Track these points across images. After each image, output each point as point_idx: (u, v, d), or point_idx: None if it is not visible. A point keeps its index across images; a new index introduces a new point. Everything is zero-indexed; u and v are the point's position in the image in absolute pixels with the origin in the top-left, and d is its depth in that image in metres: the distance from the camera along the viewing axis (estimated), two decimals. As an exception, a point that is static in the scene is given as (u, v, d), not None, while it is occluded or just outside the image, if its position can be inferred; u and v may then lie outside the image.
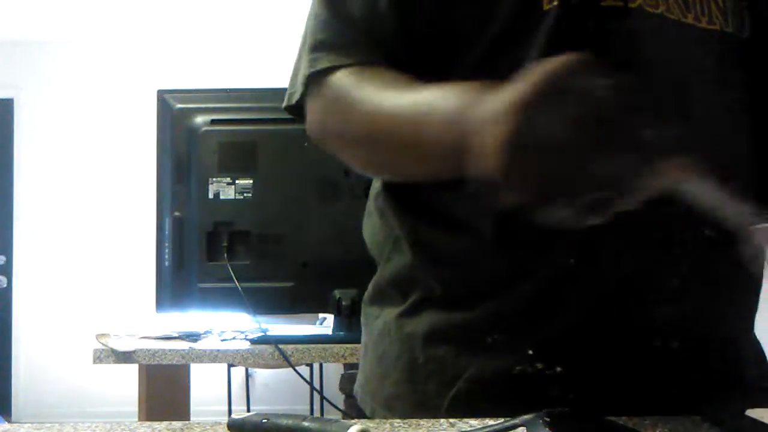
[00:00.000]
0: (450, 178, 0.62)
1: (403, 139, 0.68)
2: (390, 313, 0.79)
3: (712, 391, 0.72)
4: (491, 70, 0.70)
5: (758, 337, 0.81)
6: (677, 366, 0.72)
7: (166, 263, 2.07)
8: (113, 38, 5.66)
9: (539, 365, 0.71)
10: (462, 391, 0.73)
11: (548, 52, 0.67)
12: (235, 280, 1.97)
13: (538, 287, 0.71)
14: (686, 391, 0.71)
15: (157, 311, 2.13)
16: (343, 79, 0.73)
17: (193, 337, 2.16)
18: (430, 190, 0.75)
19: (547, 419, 0.55)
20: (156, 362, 2.03)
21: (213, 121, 2.06)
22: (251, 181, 1.98)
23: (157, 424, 0.66)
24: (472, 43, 0.72)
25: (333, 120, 0.75)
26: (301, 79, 0.76)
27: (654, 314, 0.71)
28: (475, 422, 0.63)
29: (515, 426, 0.56)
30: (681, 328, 0.71)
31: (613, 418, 0.62)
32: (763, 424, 0.58)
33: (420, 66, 0.73)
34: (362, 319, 0.86)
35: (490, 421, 0.61)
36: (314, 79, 0.75)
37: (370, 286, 0.84)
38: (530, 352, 0.71)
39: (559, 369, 0.70)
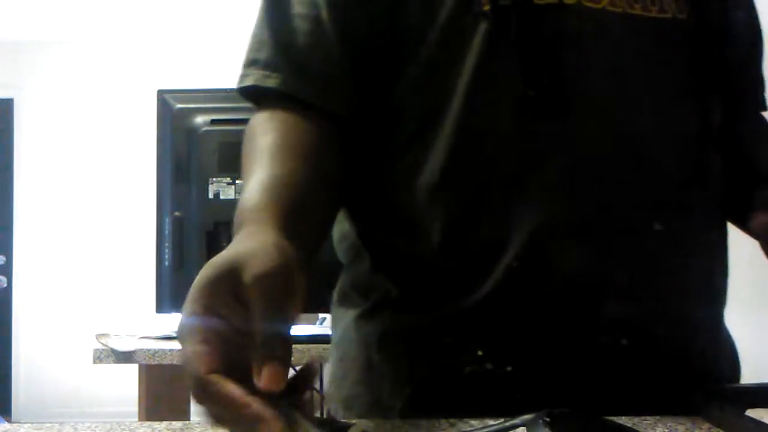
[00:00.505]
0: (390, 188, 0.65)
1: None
2: (351, 315, 0.80)
3: (672, 388, 0.71)
4: (434, 77, 0.72)
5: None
6: (626, 363, 0.71)
7: (166, 263, 2.07)
8: (113, 38, 5.66)
9: (489, 365, 0.71)
10: (415, 392, 0.73)
11: (485, 55, 0.70)
12: (235, 280, 1.96)
13: (486, 289, 0.71)
14: (638, 389, 0.70)
15: (157, 311, 2.13)
16: (257, 123, 0.75)
17: (193, 337, 2.16)
18: (384, 197, 0.77)
19: (547, 419, 0.55)
20: (156, 362, 2.02)
21: (213, 121, 2.06)
22: (251, 181, 1.98)
23: (157, 424, 0.66)
24: (415, 51, 0.72)
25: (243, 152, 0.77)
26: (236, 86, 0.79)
27: (602, 311, 0.70)
28: (475, 422, 0.63)
29: (515, 426, 0.56)
30: (631, 325, 0.71)
31: (613, 418, 0.62)
32: (763, 424, 0.58)
33: (367, 80, 0.75)
34: (331, 321, 0.87)
35: (491, 421, 0.61)
36: (245, 92, 0.77)
37: (336, 289, 0.85)
38: (480, 352, 0.71)
39: (509, 368, 0.71)
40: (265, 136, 0.72)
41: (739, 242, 0.84)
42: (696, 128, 0.76)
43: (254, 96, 0.77)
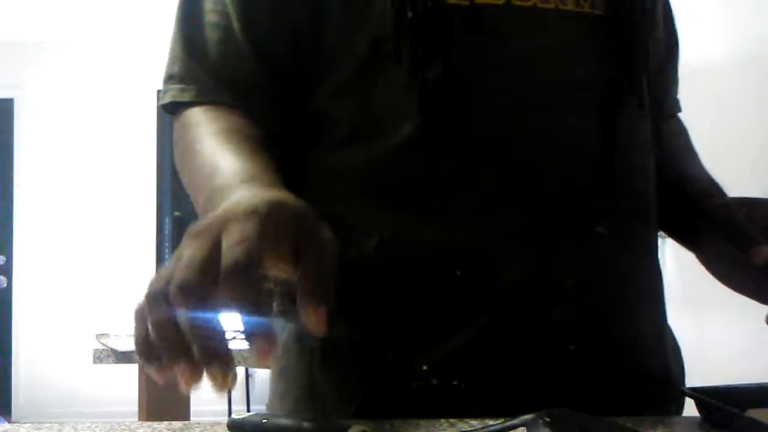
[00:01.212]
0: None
1: (194, 191, 0.69)
2: (291, 326, 0.77)
3: (624, 392, 0.71)
4: (360, 85, 0.71)
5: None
6: (576, 369, 0.70)
7: (166, 263, 2.07)
8: (113, 38, 5.66)
9: (434, 381, 0.69)
10: (360, 411, 0.70)
11: (413, 66, 0.68)
12: (235, 280, 1.96)
13: (427, 301, 0.69)
14: (590, 394, 0.68)
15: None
16: (187, 118, 0.74)
17: (193, 337, 2.16)
18: (314, 201, 0.74)
19: (547, 419, 0.55)
20: (156, 362, 2.02)
21: (213, 121, 2.05)
22: (251, 181, 1.98)
23: (157, 424, 0.65)
24: (341, 60, 0.71)
25: (176, 155, 0.77)
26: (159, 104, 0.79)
27: (547, 318, 0.69)
28: (475, 422, 0.63)
29: (515, 426, 0.56)
30: (577, 330, 0.70)
31: (612, 418, 0.62)
32: (763, 424, 0.58)
33: (282, 92, 0.74)
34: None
35: (490, 421, 0.61)
36: (165, 109, 0.78)
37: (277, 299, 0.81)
38: (424, 368, 0.69)
39: (455, 383, 0.69)
40: (211, 123, 0.72)
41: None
42: (631, 131, 0.74)
43: (175, 110, 0.77)
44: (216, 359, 0.46)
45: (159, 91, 0.79)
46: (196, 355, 0.45)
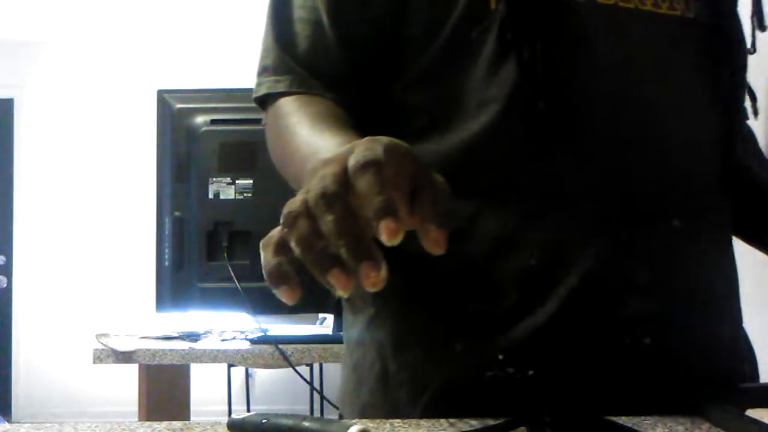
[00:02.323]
0: None
1: (294, 171, 0.71)
2: (362, 320, 0.79)
3: (696, 389, 0.70)
4: (439, 75, 0.72)
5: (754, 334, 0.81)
6: (650, 363, 0.70)
7: (166, 263, 2.07)
8: (113, 38, 5.66)
9: (510, 369, 0.69)
10: (434, 399, 0.72)
11: (496, 56, 0.69)
12: (235, 280, 1.97)
13: (501, 290, 0.70)
14: (662, 390, 0.69)
15: (157, 311, 2.13)
16: (281, 108, 0.77)
17: (193, 337, 2.16)
18: None
19: (547, 419, 0.55)
20: (156, 362, 2.02)
21: (213, 121, 2.06)
22: (251, 181, 1.98)
23: (157, 424, 0.66)
24: (421, 53, 0.73)
25: (270, 143, 0.80)
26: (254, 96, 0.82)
27: (622, 310, 0.69)
28: (475, 422, 0.63)
29: (515, 426, 0.56)
30: (653, 324, 0.70)
31: (612, 418, 0.62)
32: (763, 424, 0.58)
33: (370, 79, 0.76)
34: (343, 327, 0.86)
35: (491, 421, 0.61)
36: (260, 102, 0.81)
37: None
38: (500, 357, 0.69)
39: (531, 372, 0.69)
40: (306, 108, 0.74)
41: (739, 244, 0.84)
42: (717, 129, 0.76)
43: (266, 101, 0.80)
44: (367, 257, 0.45)
45: (159, 91, 0.80)
46: (347, 258, 0.46)
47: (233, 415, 0.61)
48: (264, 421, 0.60)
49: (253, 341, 2.07)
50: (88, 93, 5.76)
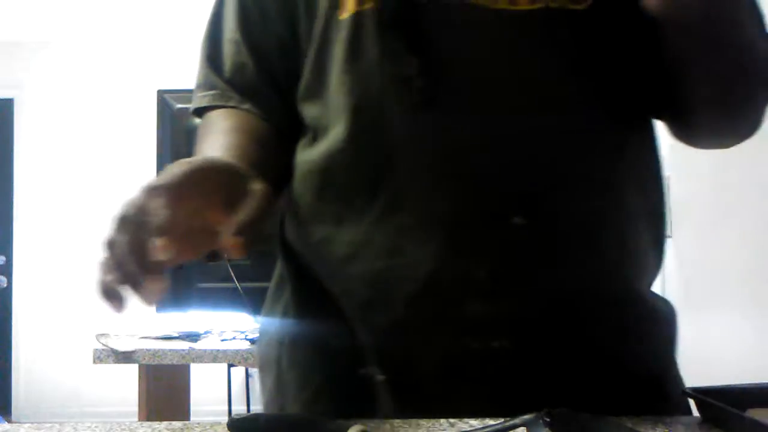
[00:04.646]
0: None
1: None
2: (267, 326, 0.85)
3: (557, 388, 0.69)
4: (314, 89, 0.77)
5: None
6: (502, 368, 0.69)
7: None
8: (113, 38, 5.66)
9: (371, 371, 0.72)
10: (316, 397, 0.75)
11: (347, 61, 0.73)
12: (235, 280, 1.97)
13: (356, 293, 0.73)
14: (519, 392, 0.68)
15: (157, 311, 2.13)
16: (203, 120, 0.85)
17: (193, 337, 2.16)
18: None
19: (547, 419, 0.55)
20: (156, 362, 2.03)
21: (213, 121, 2.05)
22: (251, 181, 1.98)
23: (157, 424, 0.66)
24: (304, 65, 0.79)
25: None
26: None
27: (465, 312, 0.69)
28: (475, 422, 0.63)
29: (515, 426, 0.56)
30: (502, 327, 0.69)
31: (612, 418, 0.62)
32: (763, 424, 0.58)
33: (286, 94, 0.81)
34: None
35: (491, 421, 0.61)
36: (197, 115, 0.88)
37: None
38: (364, 357, 0.72)
39: (382, 377, 0.71)
40: (220, 122, 0.82)
41: (739, 242, 0.84)
42: (571, 123, 0.72)
43: (201, 114, 0.87)
44: (149, 272, 0.58)
45: (159, 91, 0.85)
46: (133, 273, 0.59)
47: (233, 415, 0.61)
48: (264, 421, 0.60)
49: (253, 341, 2.07)
50: (88, 93, 5.75)
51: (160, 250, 0.56)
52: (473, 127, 0.70)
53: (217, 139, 0.76)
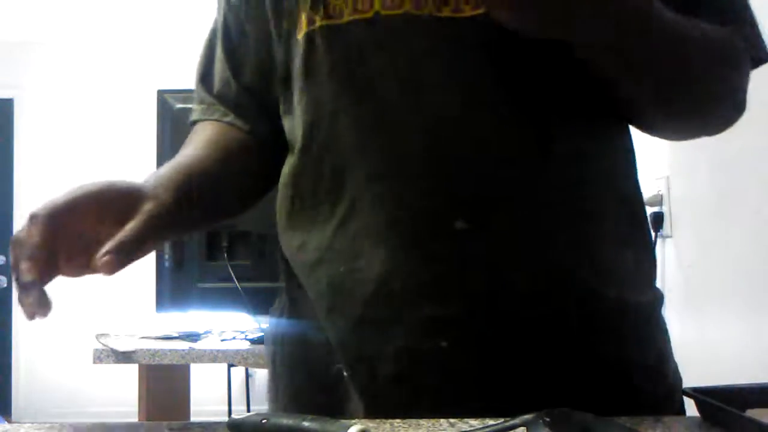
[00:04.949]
0: None
1: None
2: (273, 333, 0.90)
3: (507, 388, 0.71)
4: (286, 104, 0.83)
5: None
6: (453, 366, 0.71)
7: (166, 263, 2.08)
8: (113, 38, 5.66)
9: (340, 368, 0.76)
10: (299, 389, 0.82)
11: (303, 78, 0.78)
12: (235, 280, 1.97)
13: (322, 296, 0.77)
14: (467, 391, 0.71)
15: (157, 311, 2.13)
16: (192, 131, 0.92)
17: (193, 337, 2.16)
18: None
19: (547, 419, 0.55)
20: (156, 362, 2.03)
21: (213, 121, 2.05)
22: (251, 181, 1.98)
23: (157, 424, 0.66)
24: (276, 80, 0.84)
25: None
26: None
27: (415, 314, 0.71)
28: (475, 422, 0.63)
29: (515, 426, 0.56)
30: (450, 328, 0.71)
31: (612, 418, 0.62)
32: (763, 424, 0.58)
33: (270, 109, 0.86)
34: None
35: (491, 421, 0.61)
36: (191, 126, 0.95)
37: None
38: (331, 356, 0.77)
39: (346, 374, 0.75)
40: (196, 135, 0.90)
41: (739, 242, 0.84)
42: (511, 129, 0.73)
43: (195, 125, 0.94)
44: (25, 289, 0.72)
45: (159, 91, 0.89)
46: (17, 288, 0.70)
47: (233, 416, 0.62)
48: (264, 421, 0.60)
49: (253, 341, 2.07)
50: (88, 93, 5.76)
51: (23, 272, 0.70)
52: (415, 136, 0.72)
53: (181, 153, 0.85)
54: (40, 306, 0.73)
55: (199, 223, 0.90)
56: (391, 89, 0.73)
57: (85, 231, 0.70)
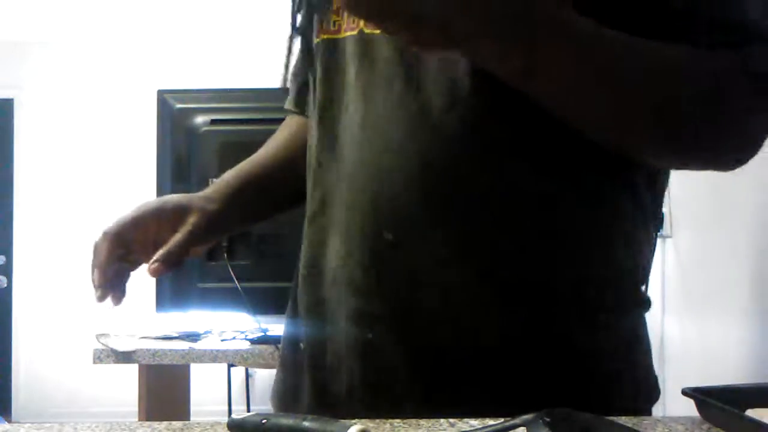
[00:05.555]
0: None
1: None
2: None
3: (427, 379, 0.76)
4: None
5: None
6: (379, 356, 0.77)
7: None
8: (113, 38, 5.67)
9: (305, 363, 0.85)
10: (286, 384, 0.90)
11: (319, 84, 0.85)
12: (235, 280, 1.97)
13: (298, 288, 0.87)
14: (393, 380, 0.77)
15: (157, 311, 2.13)
16: (284, 123, 1.04)
17: (193, 337, 2.17)
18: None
19: (547, 419, 0.55)
20: (156, 362, 2.03)
21: (213, 121, 2.06)
22: (251, 181, 1.98)
23: (157, 424, 0.66)
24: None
25: None
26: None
27: (350, 309, 0.79)
28: (475, 422, 0.63)
29: (515, 426, 0.56)
30: (377, 322, 0.78)
31: (612, 418, 0.62)
32: (763, 424, 0.58)
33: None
34: None
35: (491, 421, 0.61)
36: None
37: None
38: (302, 346, 0.86)
39: (307, 376, 0.84)
40: (279, 132, 1.03)
41: (739, 242, 0.84)
42: (432, 141, 0.75)
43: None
44: (105, 288, 0.94)
45: (159, 91, 0.90)
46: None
47: (233, 415, 0.62)
48: (264, 421, 0.60)
49: (253, 341, 2.07)
50: (88, 93, 5.76)
51: (93, 279, 0.93)
52: (367, 154, 0.78)
53: (259, 152, 1.02)
54: (104, 298, 0.96)
55: (248, 223, 1.06)
56: (357, 109, 0.79)
57: (148, 239, 0.90)
